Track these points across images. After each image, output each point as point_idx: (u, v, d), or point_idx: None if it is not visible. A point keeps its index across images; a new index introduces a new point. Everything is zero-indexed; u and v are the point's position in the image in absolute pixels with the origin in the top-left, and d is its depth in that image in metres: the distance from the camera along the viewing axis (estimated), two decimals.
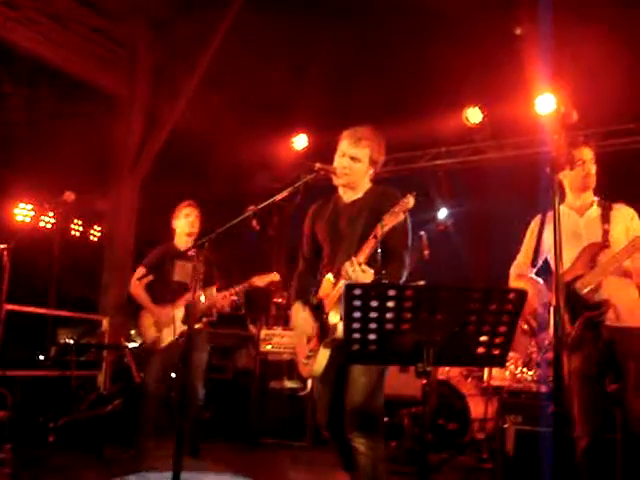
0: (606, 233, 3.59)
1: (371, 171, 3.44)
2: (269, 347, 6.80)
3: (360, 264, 3.02)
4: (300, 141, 9.00)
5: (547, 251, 3.63)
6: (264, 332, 6.88)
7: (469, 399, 6.02)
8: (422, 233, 5.80)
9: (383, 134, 3.47)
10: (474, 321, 2.29)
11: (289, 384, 6.49)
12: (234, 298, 5.12)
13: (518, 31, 7.27)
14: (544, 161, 2.90)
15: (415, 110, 7.50)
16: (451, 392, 6.07)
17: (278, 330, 6.90)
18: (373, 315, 2.26)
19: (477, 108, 8.03)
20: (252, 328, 7.23)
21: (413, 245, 3.36)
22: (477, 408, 5.99)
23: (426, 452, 2.50)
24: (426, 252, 5.82)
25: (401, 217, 3.00)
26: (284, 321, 7.31)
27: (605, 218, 3.64)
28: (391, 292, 2.24)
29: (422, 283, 3.24)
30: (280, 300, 7.45)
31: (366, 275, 3.00)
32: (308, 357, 3.30)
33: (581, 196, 3.76)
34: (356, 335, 2.31)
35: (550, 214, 3.50)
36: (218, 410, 6.56)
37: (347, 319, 2.30)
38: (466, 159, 8.69)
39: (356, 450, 3.15)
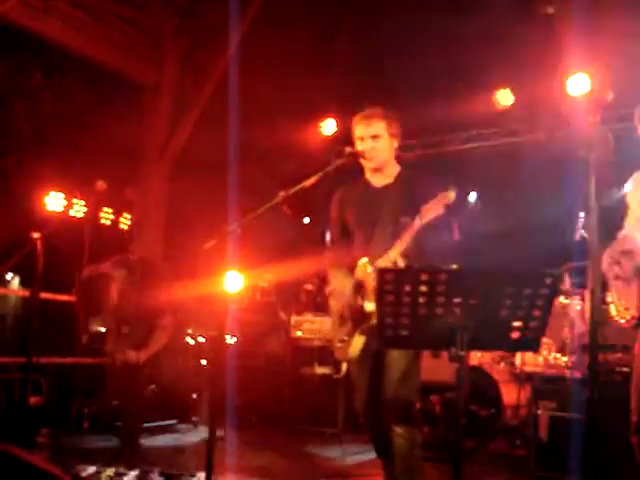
0: None
1: (395, 145, 3.40)
2: (299, 333, 6.81)
3: (395, 261, 3.03)
4: (329, 126, 8.93)
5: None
6: (294, 319, 6.89)
7: (501, 385, 5.96)
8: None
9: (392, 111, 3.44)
10: (508, 305, 2.26)
11: (320, 370, 6.50)
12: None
13: (550, 10, 7.12)
14: (578, 143, 2.83)
15: (445, 93, 7.40)
16: (483, 378, 6.01)
17: (308, 316, 6.91)
18: (406, 300, 2.24)
19: (508, 90, 7.90)
20: (282, 315, 7.24)
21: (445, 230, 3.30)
22: (510, 394, 5.92)
23: (460, 438, 2.46)
24: (456, 236, 5.75)
25: (440, 211, 2.97)
26: (314, 307, 7.30)
27: None
28: (424, 276, 2.22)
29: (455, 267, 3.18)
30: (310, 287, 7.45)
31: None
32: (343, 341, 3.31)
33: None
34: (389, 320, 2.30)
35: (636, 176, 3.33)
36: (250, 397, 6.58)
37: (380, 304, 2.29)
38: (497, 142, 8.56)
39: (393, 435, 3.17)
